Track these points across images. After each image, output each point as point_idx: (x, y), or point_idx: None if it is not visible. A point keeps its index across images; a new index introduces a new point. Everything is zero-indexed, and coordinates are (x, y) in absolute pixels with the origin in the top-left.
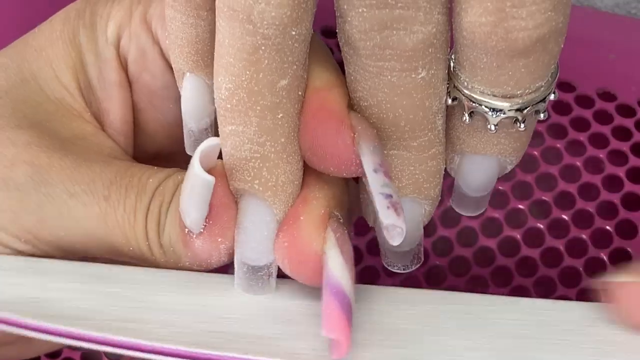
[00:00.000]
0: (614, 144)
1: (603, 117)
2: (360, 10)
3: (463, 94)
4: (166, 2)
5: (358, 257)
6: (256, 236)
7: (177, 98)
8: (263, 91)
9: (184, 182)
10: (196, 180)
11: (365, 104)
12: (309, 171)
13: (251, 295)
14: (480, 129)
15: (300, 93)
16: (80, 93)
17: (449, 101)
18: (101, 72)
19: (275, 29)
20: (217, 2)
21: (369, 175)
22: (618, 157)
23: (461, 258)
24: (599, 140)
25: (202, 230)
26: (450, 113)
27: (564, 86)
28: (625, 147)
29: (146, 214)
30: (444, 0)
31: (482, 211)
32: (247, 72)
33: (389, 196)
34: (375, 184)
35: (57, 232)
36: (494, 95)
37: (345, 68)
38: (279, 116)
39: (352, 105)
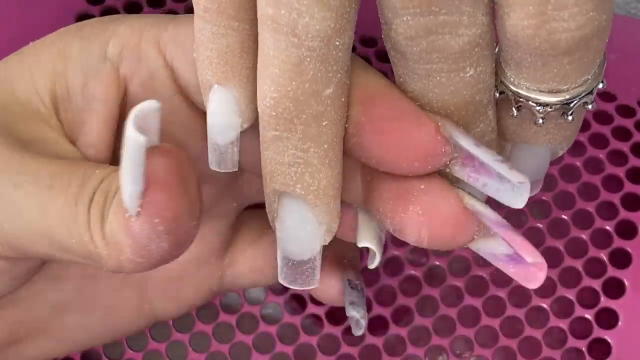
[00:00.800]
0: (614, 144)
1: (603, 118)
2: (405, 18)
3: (510, 90)
4: (196, 14)
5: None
6: (299, 233)
7: (182, 122)
8: (309, 100)
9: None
10: (128, 141)
11: (417, 104)
12: None
13: (296, 287)
14: (528, 121)
15: (343, 99)
16: (52, 99)
17: (497, 95)
18: (87, 83)
19: (320, 41)
20: (259, 15)
21: (475, 152)
22: (618, 158)
23: (461, 258)
24: (598, 141)
25: (138, 209)
26: (498, 105)
27: None
28: (625, 147)
29: (89, 203)
30: (487, 2)
31: (535, 193)
32: (293, 83)
33: (504, 161)
34: (486, 156)
35: (2, 225)
36: (541, 91)
37: (394, 71)
38: (324, 124)
39: None
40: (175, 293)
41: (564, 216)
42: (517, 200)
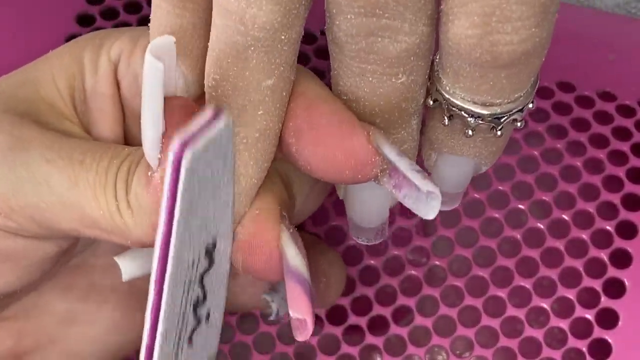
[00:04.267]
0: (614, 144)
1: (603, 118)
2: (348, 16)
3: (444, 98)
4: None
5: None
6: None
7: None
8: (247, 88)
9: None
10: (147, 69)
11: (345, 98)
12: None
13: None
14: (458, 132)
15: (284, 94)
16: (72, 100)
17: (430, 103)
18: (96, 84)
19: (265, 33)
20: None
21: (396, 161)
22: (618, 158)
23: (461, 258)
24: (599, 141)
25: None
26: (431, 113)
27: (564, 86)
28: (625, 147)
29: (116, 173)
30: (429, 13)
31: (454, 206)
32: (235, 68)
33: (420, 171)
34: (405, 165)
35: (31, 199)
36: (474, 103)
37: (331, 63)
38: (259, 112)
39: None
40: None
41: (564, 216)
42: (428, 210)
